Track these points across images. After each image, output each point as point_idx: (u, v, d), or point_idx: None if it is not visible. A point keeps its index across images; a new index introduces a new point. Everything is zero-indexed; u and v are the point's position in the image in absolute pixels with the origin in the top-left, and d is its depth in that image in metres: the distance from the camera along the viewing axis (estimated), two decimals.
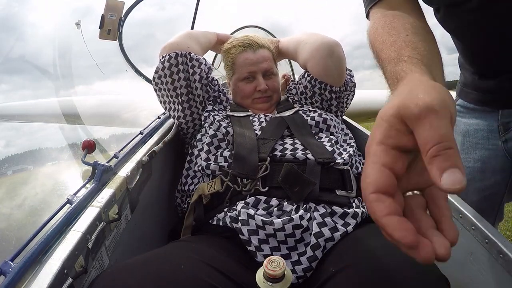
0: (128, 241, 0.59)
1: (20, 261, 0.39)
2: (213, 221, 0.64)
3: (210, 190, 0.66)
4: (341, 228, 0.57)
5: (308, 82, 0.86)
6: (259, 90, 0.86)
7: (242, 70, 0.88)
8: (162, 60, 0.81)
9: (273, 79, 0.90)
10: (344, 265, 0.46)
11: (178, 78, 0.80)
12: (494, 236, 0.44)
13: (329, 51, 0.83)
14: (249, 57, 0.86)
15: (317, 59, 0.84)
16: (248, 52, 0.87)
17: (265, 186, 0.63)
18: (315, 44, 0.84)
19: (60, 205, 0.51)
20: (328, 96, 0.86)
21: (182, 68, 0.80)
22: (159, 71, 0.82)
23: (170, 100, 0.85)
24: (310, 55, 0.85)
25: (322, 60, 0.83)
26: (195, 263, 0.46)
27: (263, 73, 0.88)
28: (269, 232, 0.56)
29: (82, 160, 0.64)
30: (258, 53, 0.87)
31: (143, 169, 0.68)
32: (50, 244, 0.44)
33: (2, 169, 18.48)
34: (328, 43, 0.83)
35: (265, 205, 0.61)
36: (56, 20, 14.04)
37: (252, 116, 0.83)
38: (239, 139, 0.71)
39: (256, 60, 0.87)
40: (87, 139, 0.69)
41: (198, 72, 0.81)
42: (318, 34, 0.88)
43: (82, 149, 0.67)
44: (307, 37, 0.88)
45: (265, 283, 0.40)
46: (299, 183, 0.61)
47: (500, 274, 0.42)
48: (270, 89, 0.88)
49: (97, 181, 0.58)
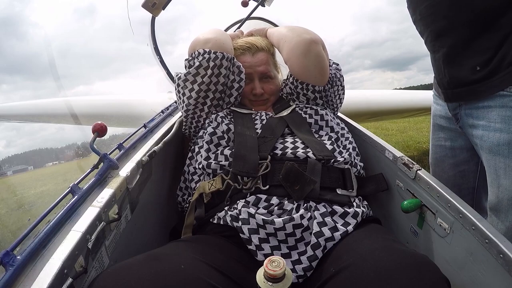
0: (128, 241, 0.59)
1: (22, 252, 0.39)
2: (213, 220, 0.64)
3: (211, 189, 0.66)
4: (341, 228, 0.58)
5: (291, 83, 0.85)
6: (255, 94, 0.87)
7: None
8: (206, 56, 0.76)
9: (270, 82, 0.89)
10: (344, 265, 0.46)
11: (216, 81, 0.78)
12: (494, 236, 0.44)
13: (305, 49, 0.78)
14: (246, 60, 0.87)
15: (294, 59, 0.81)
16: (246, 56, 0.88)
17: (266, 185, 0.63)
18: (291, 43, 0.80)
19: (63, 193, 0.51)
20: (312, 96, 0.84)
21: (224, 72, 0.78)
22: (198, 68, 0.77)
23: (192, 96, 0.80)
24: (288, 55, 0.82)
25: (298, 60, 0.80)
26: (195, 263, 0.46)
27: (260, 76, 0.88)
28: (270, 231, 0.57)
29: (91, 146, 0.60)
30: (256, 56, 0.88)
31: (143, 169, 0.68)
32: (51, 235, 0.45)
33: (3, 169, 18.49)
34: (304, 41, 0.78)
35: (266, 204, 0.61)
36: (58, 20, 13.95)
37: (254, 115, 0.83)
38: (239, 138, 0.72)
39: (254, 63, 0.88)
40: (98, 122, 0.63)
41: (237, 81, 0.81)
42: (297, 30, 0.83)
43: (92, 133, 0.61)
44: (287, 34, 0.84)
45: (266, 283, 0.40)
46: (300, 182, 0.62)
47: (500, 274, 0.42)
48: (266, 92, 0.88)
49: (100, 175, 0.58)
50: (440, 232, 0.56)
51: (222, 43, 0.79)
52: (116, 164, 0.62)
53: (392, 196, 0.74)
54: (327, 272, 0.48)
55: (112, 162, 0.61)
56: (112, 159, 0.62)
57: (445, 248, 0.55)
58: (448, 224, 0.54)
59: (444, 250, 0.55)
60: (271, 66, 0.91)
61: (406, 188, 0.66)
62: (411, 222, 0.66)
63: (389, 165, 0.74)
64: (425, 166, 0.77)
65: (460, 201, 0.52)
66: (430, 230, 0.59)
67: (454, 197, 0.53)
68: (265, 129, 0.76)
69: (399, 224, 0.71)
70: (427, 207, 0.59)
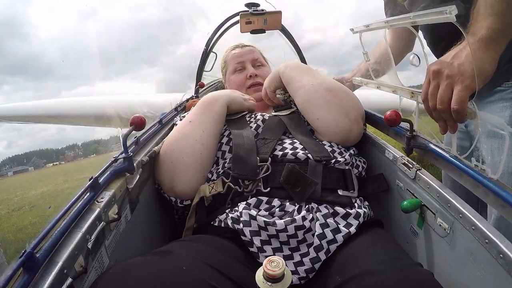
0: (128, 241, 0.59)
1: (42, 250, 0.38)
2: (214, 223, 0.64)
3: (212, 192, 0.66)
4: (343, 229, 0.57)
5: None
6: (250, 76, 0.92)
7: (231, 63, 0.99)
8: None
9: (262, 69, 0.96)
10: (350, 276, 0.46)
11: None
12: (494, 236, 0.44)
13: (343, 134, 0.75)
14: (236, 51, 0.98)
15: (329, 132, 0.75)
16: (236, 50, 0.99)
17: (267, 187, 0.63)
18: (325, 121, 0.75)
19: (85, 186, 0.51)
20: None
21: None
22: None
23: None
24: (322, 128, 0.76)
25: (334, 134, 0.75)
26: (196, 264, 0.46)
27: (252, 63, 0.97)
28: (272, 233, 0.56)
29: (124, 139, 0.59)
30: (245, 48, 0.99)
31: (143, 169, 0.68)
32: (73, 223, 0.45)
33: (3, 170, 18.50)
34: (341, 129, 0.74)
35: (267, 206, 0.61)
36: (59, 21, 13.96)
37: (248, 116, 0.83)
38: (237, 140, 0.71)
39: (244, 52, 0.98)
40: (137, 115, 0.62)
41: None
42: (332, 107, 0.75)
43: (130, 125, 0.61)
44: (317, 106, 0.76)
45: (265, 283, 0.40)
46: (301, 183, 0.61)
47: (500, 274, 0.42)
48: (259, 75, 0.93)
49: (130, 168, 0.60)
50: (440, 232, 0.56)
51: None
52: (132, 170, 0.62)
53: (392, 196, 0.74)
54: (333, 281, 0.48)
55: (130, 166, 0.61)
56: (132, 163, 0.62)
57: (445, 248, 0.55)
58: (448, 224, 0.53)
59: (444, 250, 0.55)
60: (261, 56, 1.01)
61: (406, 188, 0.66)
62: (411, 222, 0.66)
63: (389, 165, 0.74)
64: (425, 166, 0.76)
65: (460, 201, 0.52)
66: (430, 230, 0.59)
67: (454, 197, 0.53)
68: (264, 130, 0.76)
69: (399, 224, 0.71)
70: (427, 207, 0.59)
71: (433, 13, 0.50)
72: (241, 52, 0.98)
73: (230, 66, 0.99)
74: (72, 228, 0.44)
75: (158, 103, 3.25)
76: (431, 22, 0.51)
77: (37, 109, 3.78)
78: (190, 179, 0.70)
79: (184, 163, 0.70)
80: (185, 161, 0.70)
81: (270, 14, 1.25)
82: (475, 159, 0.52)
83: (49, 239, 0.40)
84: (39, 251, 0.38)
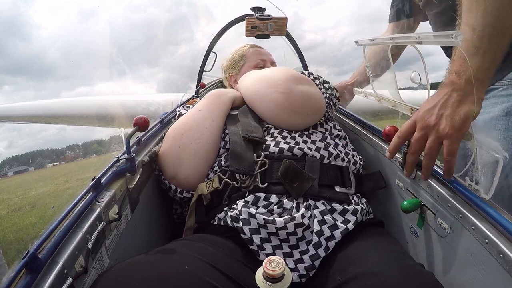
0: (128, 241, 0.59)
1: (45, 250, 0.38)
2: (214, 221, 0.64)
3: (209, 189, 0.66)
4: (341, 225, 0.58)
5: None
6: None
7: (254, 57, 1.04)
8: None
9: None
10: (351, 276, 0.46)
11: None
12: (494, 236, 0.44)
13: (286, 110, 0.74)
14: (259, 49, 1.07)
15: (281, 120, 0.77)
16: (256, 48, 1.08)
17: (264, 182, 0.63)
18: (268, 104, 0.76)
19: (88, 186, 0.51)
20: None
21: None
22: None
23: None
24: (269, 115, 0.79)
25: (288, 119, 0.76)
26: (198, 264, 0.46)
27: (271, 64, 1.05)
28: (271, 231, 0.57)
29: (127, 140, 0.60)
30: (264, 50, 1.09)
31: (143, 169, 0.68)
32: (76, 222, 0.45)
33: (3, 170, 18.51)
34: (277, 102, 0.74)
35: (265, 203, 0.61)
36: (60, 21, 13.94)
37: None
38: (233, 137, 0.72)
39: (266, 53, 1.07)
40: (140, 116, 0.62)
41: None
42: (261, 88, 0.78)
43: (133, 126, 0.62)
44: (256, 91, 0.79)
45: (265, 283, 0.40)
46: (299, 179, 0.62)
47: (500, 274, 0.42)
48: None
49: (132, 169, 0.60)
50: (440, 232, 0.56)
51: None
52: (134, 170, 0.62)
53: (392, 196, 0.74)
54: (333, 281, 0.48)
55: (132, 166, 0.61)
56: (134, 164, 0.62)
57: (445, 248, 0.55)
58: (448, 224, 0.53)
59: (444, 250, 0.55)
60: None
61: (406, 188, 0.66)
62: (411, 222, 0.66)
63: (389, 164, 0.74)
64: None
65: (460, 201, 0.52)
66: (430, 230, 0.59)
67: (454, 197, 0.53)
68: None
69: (399, 224, 0.71)
70: (427, 207, 0.59)
71: (439, 36, 0.51)
72: (263, 51, 1.08)
73: (251, 60, 1.04)
74: (73, 229, 0.44)
75: (158, 103, 3.25)
76: (436, 44, 0.53)
77: (38, 109, 3.79)
78: (196, 167, 0.70)
79: (193, 149, 0.70)
80: (194, 147, 0.70)
81: (276, 20, 1.25)
82: (468, 179, 0.53)
83: (52, 240, 0.40)
84: (41, 251, 0.38)
